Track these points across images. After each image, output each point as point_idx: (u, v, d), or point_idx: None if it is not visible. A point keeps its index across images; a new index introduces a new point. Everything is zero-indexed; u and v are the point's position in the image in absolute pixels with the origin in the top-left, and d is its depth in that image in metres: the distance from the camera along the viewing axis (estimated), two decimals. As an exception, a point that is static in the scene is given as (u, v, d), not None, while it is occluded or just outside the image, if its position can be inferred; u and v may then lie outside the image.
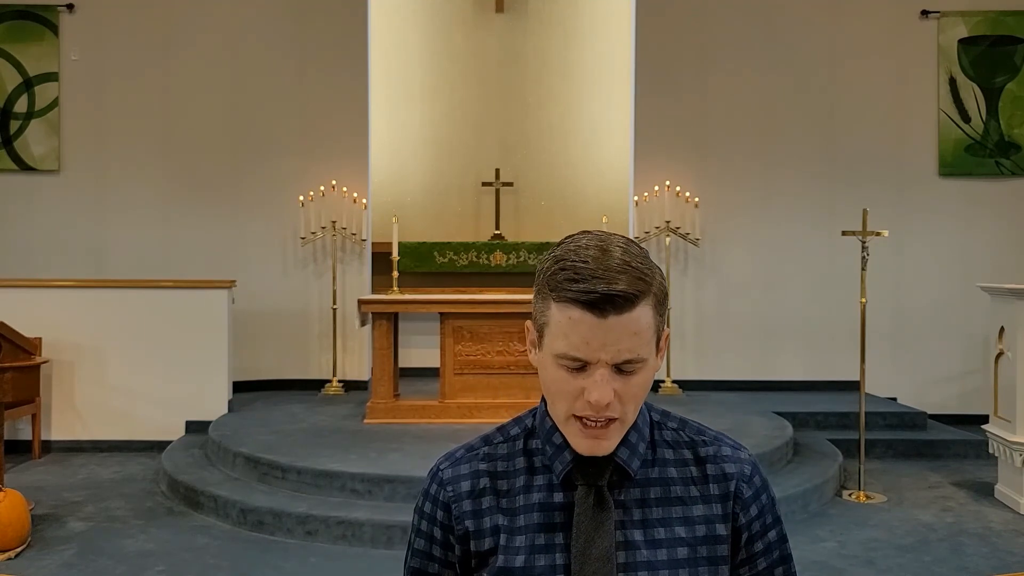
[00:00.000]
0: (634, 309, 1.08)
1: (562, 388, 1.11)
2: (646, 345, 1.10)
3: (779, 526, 1.25)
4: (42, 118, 7.97)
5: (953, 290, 7.86)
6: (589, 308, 1.07)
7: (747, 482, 1.21)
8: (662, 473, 1.19)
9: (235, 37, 8.04)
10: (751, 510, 1.21)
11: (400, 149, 9.25)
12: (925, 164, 8.03)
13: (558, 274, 1.09)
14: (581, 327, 1.07)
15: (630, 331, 1.08)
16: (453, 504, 1.20)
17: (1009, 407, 5.35)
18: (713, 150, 8.08)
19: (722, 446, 1.23)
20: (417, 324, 7.72)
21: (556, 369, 1.11)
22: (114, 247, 7.98)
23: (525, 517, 1.17)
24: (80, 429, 6.76)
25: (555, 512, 1.17)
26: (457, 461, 1.24)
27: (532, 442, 1.22)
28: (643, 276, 1.09)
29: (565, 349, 1.09)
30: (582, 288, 1.07)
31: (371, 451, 5.40)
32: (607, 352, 1.07)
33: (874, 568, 4.34)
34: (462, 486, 1.21)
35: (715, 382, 7.96)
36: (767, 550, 1.23)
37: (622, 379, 1.10)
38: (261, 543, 4.66)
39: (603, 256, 1.09)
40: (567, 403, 1.11)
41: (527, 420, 1.25)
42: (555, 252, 1.13)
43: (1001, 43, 7.99)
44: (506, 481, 1.20)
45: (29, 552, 4.48)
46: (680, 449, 1.22)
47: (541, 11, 9.31)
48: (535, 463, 1.20)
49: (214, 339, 6.90)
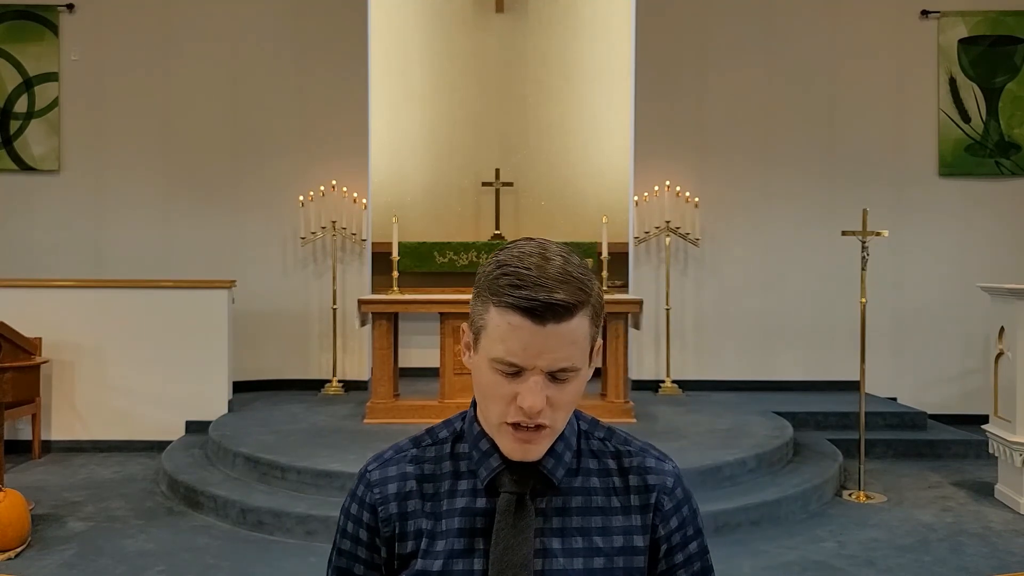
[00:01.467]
0: (572, 319, 1.09)
1: (495, 392, 1.11)
2: (581, 354, 1.11)
3: (700, 538, 1.25)
4: (42, 118, 7.97)
5: (953, 290, 7.86)
6: (529, 315, 1.07)
7: (668, 494, 1.22)
8: (585, 482, 1.19)
9: (235, 37, 8.04)
10: (671, 522, 1.21)
11: (400, 149, 9.25)
12: (925, 164, 8.03)
13: (500, 279, 1.10)
14: (520, 333, 1.08)
15: (567, 340, 1.09)
16: (380, 507, 1.20)
17: (1009, 407, 5.35)
18: (713, 150, 8.08)
19: (647, 457, 1.23)
20: (417, 324, 7.72)
21: (491, 373, 1.12)
22: (114, 247, 7.98)
23: (447, 522, 1.17)
24: (80, 429, 6.76)
25: (477, 517, 1.17)
26: (385, 463, 1.23)
27: (460, 446, 1.22)
28: (583, 287, 1.10)
29: (502, 354, 1.09)
30: (523, 295, 1.07)
31: (371, 451, 5.37)
32: (543, 360, 1.08)
33: (874, 568, 4.34)
34: (389, 488, 1.20)
35: (715, 382, 7.96)
36: (687, 562, 1.23)
37: (555, 387, 1.10)
38: (261, 543, 4.66)
39: (545, 264, 1.10)
40: (499, 407, 1.12)
41: (456, 423, 1.25)
42: (498, 256, 1.14)
43: (1001, 43, 7.99)
44: (432, 484, 1.20)
45: (29, 552, 4.48)
46: (605, 459, 1.22)
47: (541, 11, 9.31)
48: (461, 468, 1.20)
49: (214, 339, 6.90)
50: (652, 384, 7.85)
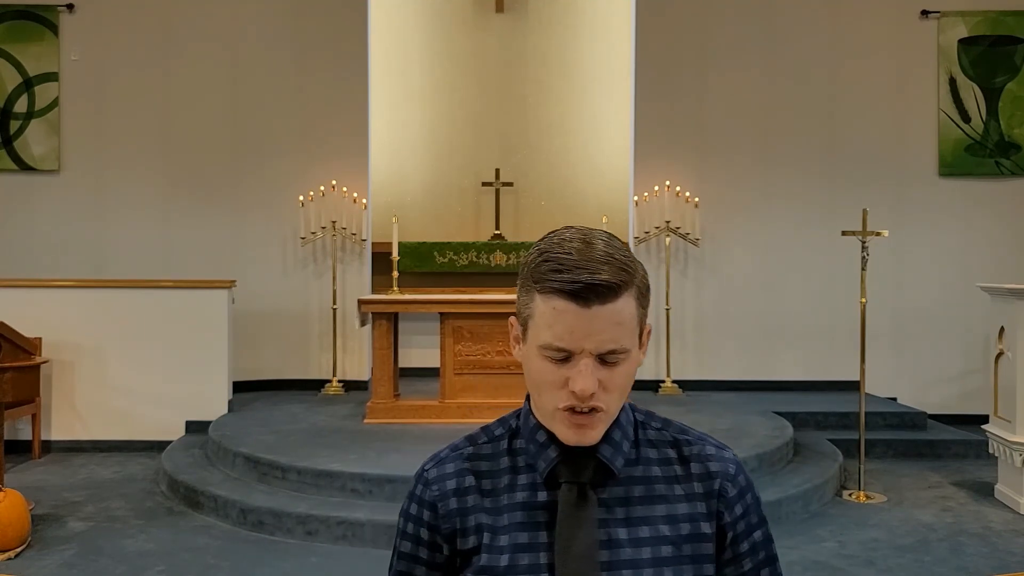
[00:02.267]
0: (617, 299, 1.09)
1: (546, 379, 1.12)
2: (629, 336, 1.11)
3: (764, 527, 1.25)
4: (42, 118, 7.97)
5: (953, 290, 7.86)
6: (573, 298, 1.08)
7: (731, 481, 1.21)
8: (645, 471, 1.19)
9: (235, 37, 8.04)
10: (736, 509, 1.21)
11: (400, 149, 9.25)
12: (925, 164, 8.03)
13: (542, 266, 1.11)
14: (566, 317, 1.08)
15: (613, 321, 1.09)
16: (439, 503, 1.20)
17: (1009, 407, 5.35)
18: (713, 150, 8.08)
19: (706, 445, 1.23)
20: (417, 324, 7.72)
21: (541, 361, 1.12)
22: (114, 247, 7.98)
23: (508, 516, 1.17)
24: (80, 429, 6.76)
25: (538, 511, 1.17)
26: (442, 461, 1.24)
27: (516, 442, 1.22)
28: (626, 267, 1.10)
29: (549, 339, 1.10)
30: (566, 278, 1.08)
31: (371, 451, 5.40)
32: (591, 342, 1.08)
33: (874, 568, 4.34)
34: (447, 484, 1.21)
35: (715, 382, 7.96)
36: (753, 550, 1.23)
37: (606, 369, 1.10)
38: (261, 543, 4.66)
39: (586, 248, 1.10)
40: (552, 394, 1.12)
41: (511, 421, 1.25)
42: (539, 245, 1.15)
43: (1001, 43, 7.99)
44: (490, 480, 1.20)
45: (29, 552, 4.48)
46: (664, 448, 1.22)
47: (541, 11, 9.31)
48: (519, 462, 1.20)
49: (214, 339, 6.90)
50: (652, 384, 7.85)
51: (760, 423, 6.31)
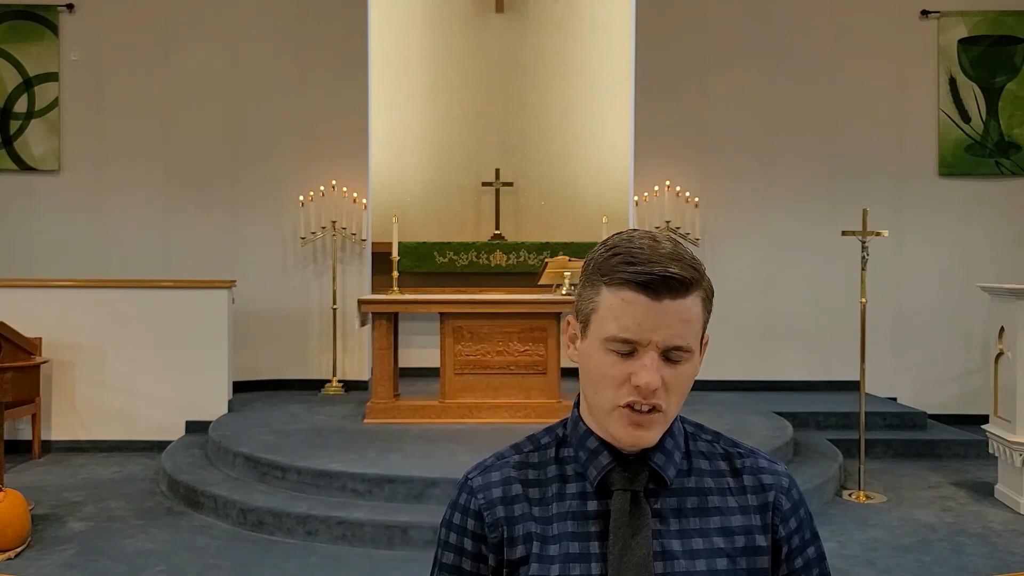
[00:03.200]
0: (687, 296, 1.09)
1: (608, 373, 1.10)
2: (694, 336, 1.11)
3: (818, 542, 1.23)
4: (42, 118, 7.97)
5: (953, 290, 7.86)
6: (644, 289, 1.07)
7: (785, 494, 1.19)
8: (699, 483, 1.17)
9: (235, 37, 8.04)
10: (790, 523, 1.19)
11: (400, 149, 9.25)
12: (925, 164, 8.03)
13: (612, 259, 1.10)
14: (635, 308, 1.08)
15: (682, 318, 1.09)
16: (485, 512, 1.17)
17: (1009, 407, 5.35)
18: (713, 150, 8.08)
19: (759, 459, 1.22)
20: (417, 324, 7.72)
21: (604, 354, 1.10)
22: (114, 247, 7.98)
23: (559, 526, 1.14)
24: (80, 429, 6.76)
25: (589, 521, 1.14)
26: (487, 469, 1.21)
27: (564, 451, 1.20)
28: (695, 266, 1.11)
29: (616, 331, 1.08)
30: (638, 270, 1.08)
31: (371, 451, 5.40)
32: (658, 335, 1.08)
33: (874, 568, 4.34)
34: (493, 493, 1.18)
35: (715, 382, 7.95)
36: (807, 567, 1.21)
37: (669, 367, 1.09)
38: (261, 543, 4.66)
39: (656, 245, 1.11)
40: (612, 390, 1.10)
41: (558, 430, 1.23)
42: (607, 242, 1.14)
43: (1001, 43, 7.99)
44: (538, 489, 1.17)
45: (29, 552, 4.48)
46: (716, 460, 1.20)
47: (541, 11, 9.31)
48: (567, 471, 1.17)
49: (214, 339, 6.90)
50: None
51: (760, 423, 6.31)
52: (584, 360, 1.14)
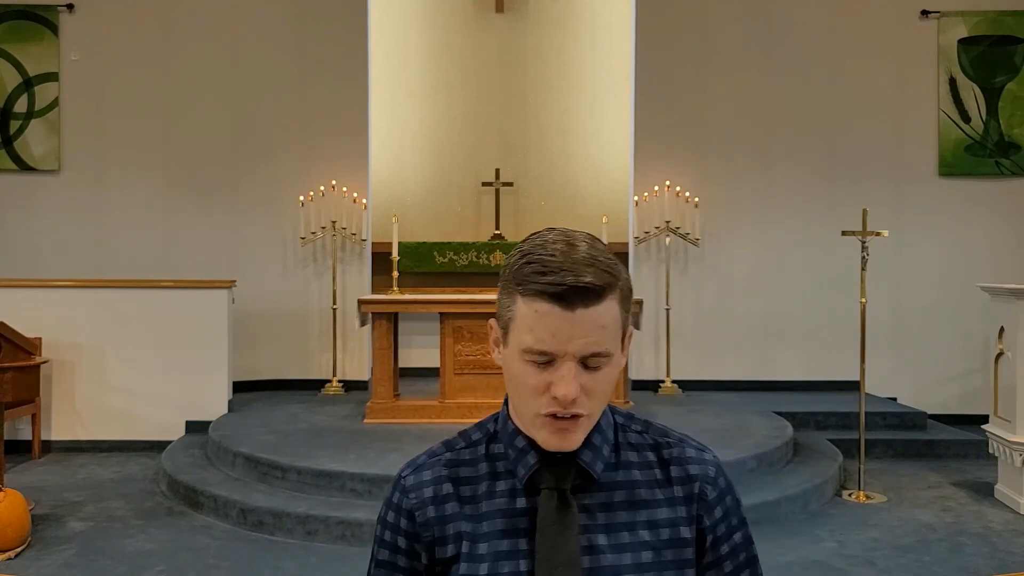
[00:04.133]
0: (601, 302, 1.07)
1: (528, 383, 1.10)
2: (612, 340, 1.10)
3: (744, 528, 1.24)
4: (42, 118, 7.97)
5: (953, 290, 7.86)
6: (556, 300, 1.06)
7: (711, 484, 1.20)
8: (626, 476, 1.18)
9: (235, 37, 8.04)
10: (715, 512, 1.20)
11: (400, 149, 9.25)
12: (925, 164, 8.03)
13: (524, 268, 1.09)
14: (548, 319, 1.06)
15: (597, 324, 1.07)
16: (417, 512, 1.18)
17: (1009, 407, 5.35)
18: (713, 150, 8.08)
19: (686, 448, 1.22)
20: (417, 324, 7.72)
21: (522, 364, 1.10)
22: (114, 247, 7.98)
23: (488, 523, 1.16)
24: (80, 429, 6.76)
25: (518, 518, 1.15)
26: (419, 468, 1.22)
27: (495, 447, 1.20)
28: (609, 270, 1.09)
29: (531, 343, 1.08)
30: (550, 280, 1.06)
31: (371, 451, 5.40)
32: (574, 345, 1.07)
33: (874, 568, 4.34)
34: (425, 492, 1.19)
35: (715, 382, 7.96)
36: (733, 552, 1.22)
37: (588, 374, 1.09)
38: (261, 543, 4.66)
39: (570, 250, 1.09)
40: (533, 399, 1.10)
41: (489, 425, 1.23)
42: (521, 247, 1.13)
43: (1001, 43, 7.99)
44: (469, 487, 1.18)
45: (29, 552, 4.48)
46: (644, 451, 1.21)
47: (541, 11, 9.30)
48: (498, 468, 1.18)
49: (214, 339, 6.90)
50: (652, 384, 7.85)
51: (760, 423, 6.31)
52: (506, 367, 1.14)
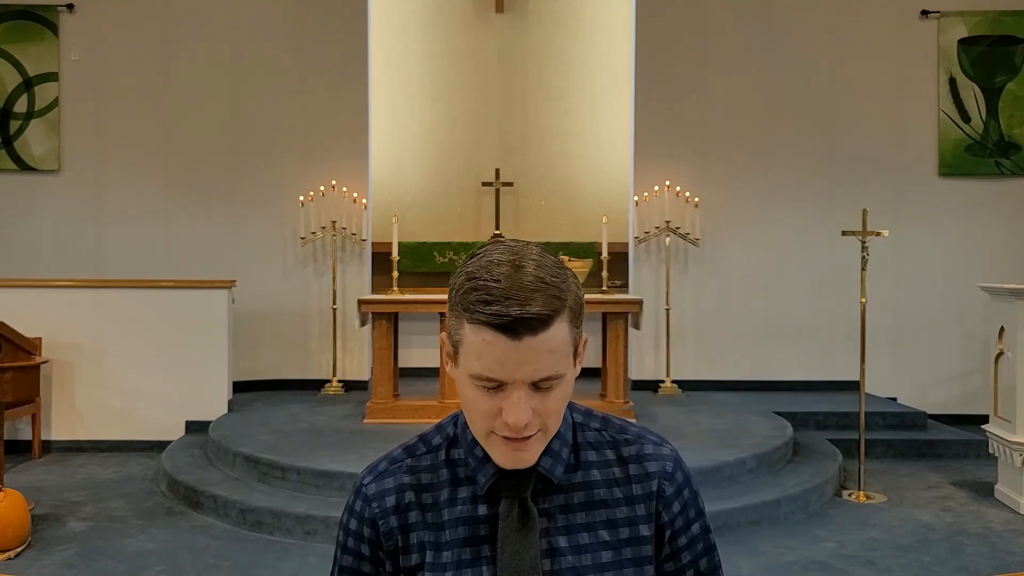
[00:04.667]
0: (549, 328, 1.05)
1: (480, 407, 1.08)
2: (563, 360, 1.08)
3: (702, 519, 1.25)
4: (42, 118, 7.97)
5: (953, 290, 7.86)
6: (503, 331, 1.03)
7: (669, 479, 1.21)
8: (586, 476, 1.18)
9: (235, 37, 8.04)
10: (673, 507, 1.21)
11: (400, 149, 9.25)
12: (925, 164, 8.03)
13: (470, 294, 1.05)
14: (495, 349, 1.04)
15: (546, 349, 1.05)
16: (380, 520, 1.18)
17: (1009, 407, 5.35)
18: (713, 150, 8.08)
19: (644, 444, 1.22)
20: (417, 324, 7.72)
21: (472, 389, 1.08)
22: (114, 247, 7.98)
23: (451, 532, 1.15)
24: (80, 429, 6.76)
25: (480, 525, 1.15)
26: (381, 475, 1.21)
27: (454, 452, 1.19)
28: (558, 293, 1.06)
29: (480, 370, 1.06)
30: (494, 311, 1.03)
31: (371, 451, 5.40)
32: (523, 372, 1.05)
33: (874, 568, 4.34)
34: (387, 502, 1.18)
35: (715, 382, 7.96)
36: (691, 544, 1.23)
37: (540, 396, 1.07)
38: (261, 543, 4.66)
39: (515, 273, 1.05)
40: (485, 422, 1.09)
41: (448, 428, 1.22)
42: (467, 267, 1.09)
43: (1001, 43, 7.99)
44: (431, 494, 1.18)
45: (29, 552, 4.48)
46: (603, 450, 1.20)
47: (541, 11, 9.30)
48: (459, 474, 1.18)
49: (214, 339, 6.90)
50: (652, 384, 7.85)
51: (760, 423, 6.31)
52: (458, 386, 1.12)
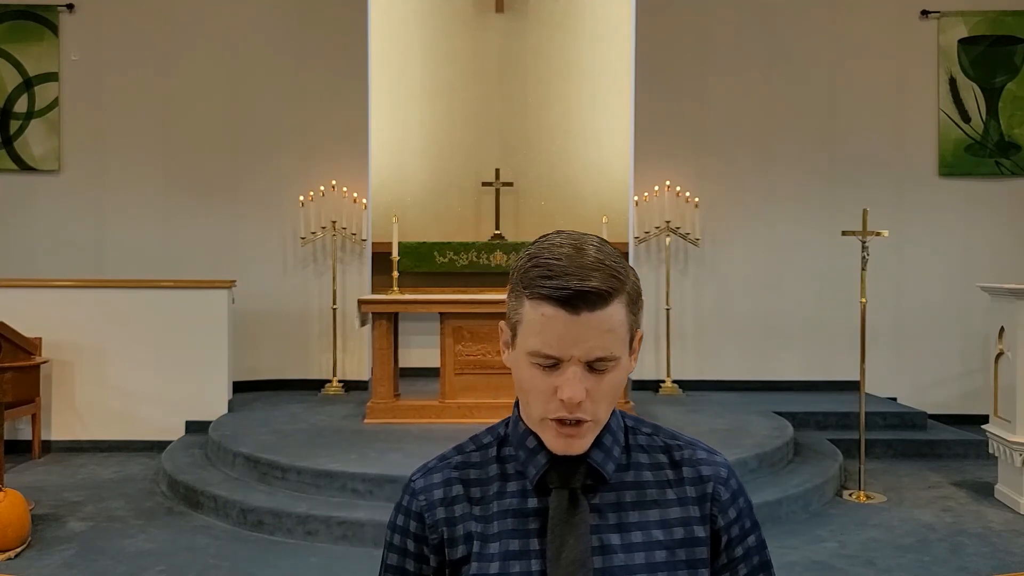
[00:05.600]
0: (607, 306, 1.07)
1: (535, 386, 1.10)
2: (619, 343, 1.10)
3: (757, 531, 1.25)
4: (42, 118, 7.97)
5: (953, 290, 7.86)
6: (562, 304, 1.06)
7: (724, 484, 1.21)
8: (637, 476, 1.18)
9: (235, 37, 8.04)
10: (729, 512, 1.21)
11: (400, 149, 9.25)
12: (925, 164, 8.03)
13: (531, 271, 1.09)
14: (554, 324, 1.07)
15: (603, 328, 1.07)
16: (426, 513, 1.19)
17: (1009, 407, 5.35)
18: (713, 150, 8.08)
19: (697, 450, 1.23)
20: (417, 324, 7.71)
21: (529, 367, 1.10)
22: (114, 247, 7.98)
23: (499, 523, 1.16)
24: (80, 429, 6.76)
25: (529, 518, 1.15)
26: (429, 471, 1.23)
27: (505, 449, 1.21)
28: (616, 274, 1.09)
29: (538, 346, 1.08)
30: (555, 284, 1.06)
31: (371, 451, 5.40)
32: (579, 349, 1.07)
33: (874, 568, 4.34)
34: (434, 494, 1.20)
35: (715, 382, 7.96)
36: (747, 556, 1.23)
37: (594, 377, 1.09)
38: (261, 543, 4.66)
39: (577, 254, 1.09)
40: (540, 402, 1.11)
41: (500, 429, 1.24)
42: (529, 250, 1.13)
43: (1001, 43, 7.99)
44: (479, 488, 1.19)
45: (29, 552, 4.48)
46: (655, 453, 1.21)
47: (541, 11, 9.30)
48: (508, 470, 1.19)
49: (214, 339, 6.90)
50: (652, 384, 7.85)
51: (760, 423, 6.31)
52: (514, 369, 1.15)
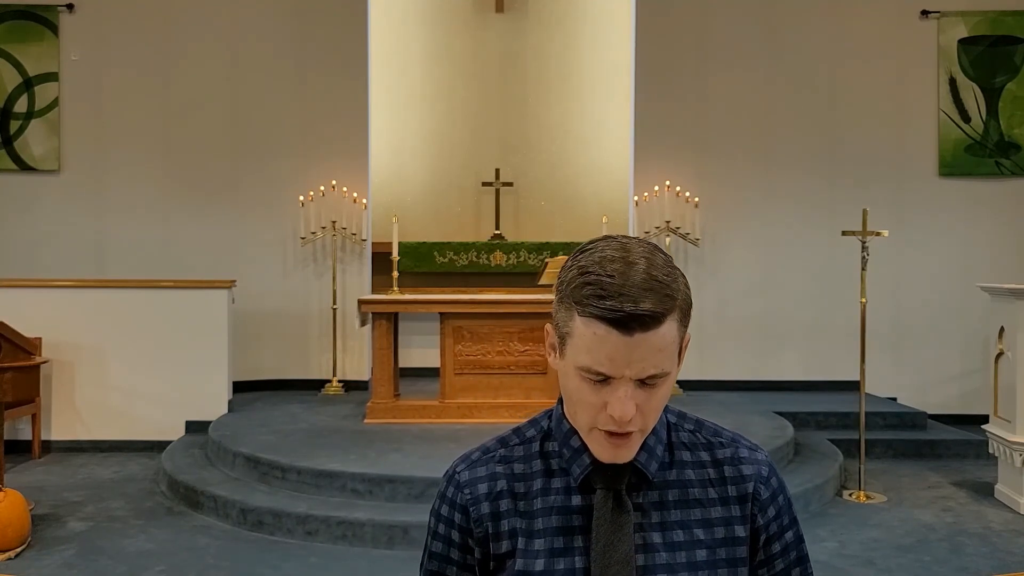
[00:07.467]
0: (660, 327, 1.06)
1: (584, 399, 1.10)
2: (670, 359, 1.09)
3: (796, 527, 1.26)
4: (42, 118, 7.97)
5: (953, 290, 7.86)
6: (615, 326, 1.05)
7: (764, 483, 1.22)
8: (680, 475, 1.19)
9: (235, 37, 8.04)
10: (769, 511, 1.22)
11: (400, 149, 9.25)
12: (925, 164, 8.03)
13: (583, 288, 1.07)
14: (606, 344, 1.06)
15: (656, 348, 1.07)
16: (471, 507, 1.20)
17: (1009, 407, 5.35)
18: (713, 150, 8.07)
19: (739, 447, 1.24)
20: (417, 324, 7.72)
21: (579, 381, 1.10)
22: (114, 247, 7.98)
23: (543, 520, 1.17)
24: (80, 429, 6.76)
25: (573, 515, 1.17)
26: (473, 463, 1.23)
27: (548, 444, 1.21)
28: (669, 292, 1.07)
29: (589, 363, 1.08)
30: (608, 306, 1.05)
31: (371, 451, 5.40)
32: (632, 369, 1.07)
33: (874, 568, 4.34)
34: (479, 488, 1.20)
35: (715, 382, 7.96)
36: (784, 551, 1.24)
37: (645, 392, 1.09)
38: (261, 543, 4.66)
39: (628, 270, 1.07)
40: (588, 414, 1.11)
41: (543, 422, 1.24)
42: (579, 260, 1.11)
43: (1001, 43, 7.99)
44: (523, 483, 1.20)
45: (29, 552, 4.48)
46: (697, 451, 1.22)
47: (541, 11, 9.31)
48: (552, 465, 1.19)
49: (214, 339, 6.89)
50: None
51: (760, 423, 6.31)
52: (562, 377, 1.14)
